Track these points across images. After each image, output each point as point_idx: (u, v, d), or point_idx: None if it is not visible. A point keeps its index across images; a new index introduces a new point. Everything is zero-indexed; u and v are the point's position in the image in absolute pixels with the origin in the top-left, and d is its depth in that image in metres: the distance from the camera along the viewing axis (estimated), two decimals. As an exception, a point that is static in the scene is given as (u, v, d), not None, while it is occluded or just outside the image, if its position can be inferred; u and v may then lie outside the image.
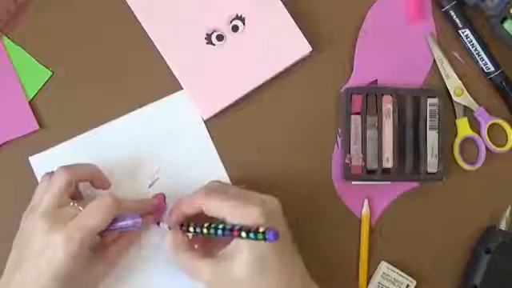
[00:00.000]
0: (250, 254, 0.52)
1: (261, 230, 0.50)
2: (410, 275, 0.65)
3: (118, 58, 0.65)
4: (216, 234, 0.53)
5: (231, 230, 0.52)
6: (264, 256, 0.52)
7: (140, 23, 0.64)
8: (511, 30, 0.66)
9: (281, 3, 0.64)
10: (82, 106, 0.64)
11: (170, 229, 0.58)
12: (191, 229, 0.56)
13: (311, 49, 0.64)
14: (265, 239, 0.50)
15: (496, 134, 0.68)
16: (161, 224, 0.59)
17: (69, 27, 0.65)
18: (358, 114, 0.65)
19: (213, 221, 0.55)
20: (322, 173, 0.66)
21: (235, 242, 0.53)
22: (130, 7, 0.64)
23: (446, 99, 0.67)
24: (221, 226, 0.53)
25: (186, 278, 0.56)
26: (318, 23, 0.66)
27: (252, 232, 0.50)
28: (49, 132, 0.63)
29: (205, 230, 0.55)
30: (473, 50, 0.67)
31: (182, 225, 0.57)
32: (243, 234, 0.51)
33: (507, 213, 0.66)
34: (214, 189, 0.58)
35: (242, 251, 0.52)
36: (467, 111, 0.68)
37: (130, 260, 0.61)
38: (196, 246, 0.58)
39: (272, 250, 0.52)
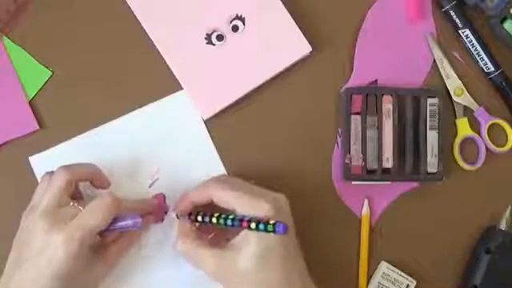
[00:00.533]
0: (257, 245, 0.52)
1: (271, 221, 0.51)
2: (410, 275, 0.65)
3: (118, 57, 0.65)
4: (225, 224, 0.54)
5: (241, 220, 0.52)
6: (270, 249, 0.52)
7: (140, 23, 0.64)
8: (511, 30, 0.66)
9: (281, 3, 0.64)
10: (82, 106, 0.64)
11: (178, 217, 0.58)
12: (200, 218, 0.56)
13: (311, 49, 0.64)
14: (274, 231, 0.51)
15: (496, 134, 0.68)
16: (169, 212, 0.59)
17: (69, 27, 0.65)
18: (358, 114, 0.65)
19: (222, 211, 0.55)
20: (322, 173, 0.66)
21: (244, 233, 0.53)
22: (130, 7, 0.64)
23: (446, 99, 0.67)
24: (231, 217, 0.53)
25: (186, 278, 0.56)
26: (318, 23, 0.66)
27: (262, 223, 0.51)
28: (49, 132, 0.63)
29: (214, 220, 0.55)
30: (473, 50, 0.67)
31: (190, 214, 0.58)
32: (253, 225, 0.51)
33: (507, 213, 0.66)
34: (225, 180, 0.58)
35: (249, 243, 0.52)
36: (467, 111, 0.68)
37: (129, 260, 0.61)
38: (204, 237, 0.58)
39: (279, 243, 0.53)
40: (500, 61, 0.67)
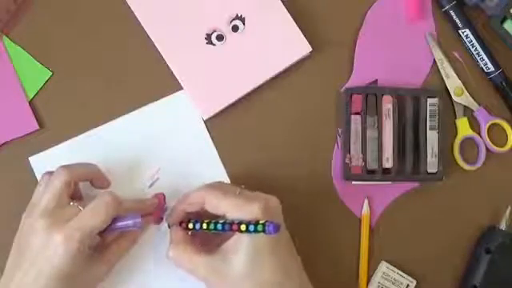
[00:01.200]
0: (248, 248, 0.52)
1: (261, 221, 0.50)
2: (410, 275, 0.65)
3: (118, 58, 0.65)
4: (215, 228, 0.54)
5: (231, 224, 0.52)
6: (262, 251, 0.52)
7: (140, 23, 0.64)
8: (511, 30, 0.66)
9: (281, 3, 0.64)
10: (82, 106, 0.64)
11: (169, 227, 0.58)
12: (191, 225, 0.57)
13: (311, 49, 0.64)
14: (264, 231, 0.50)
15: (496, 134, 0.68)
16: (161, 223, 0.60)
17: (69, 27, 0.65)
18: (358, 114, 0.65)
19: (214, 218, 0.55)
20: (322, 173, 0.66)
21: (236, 237, 0.53)
22: (129, 7, 0.64)
23: (446, 99, 0.67)
24: (221, 221, 0.53)
25: (186, 278, 0.56)
26: (317, 23, 0.66)
27: (252, 224, 0.51)
28: (49, 132, 0.63)
29: (204, 225, 0.55)
30: (473, 50, 0.67)
31: (181, 222, 0.58)
32: (243, 227, 0.51)
33: (507, 213, 0.66)
34: (215, 186, 0.59)
35: (241, 246, 0.52)
36: (467, 111, 0.68)
37: (129, 260, 0.61)
38: (196, 244, 0.58)
39: (270, 244, 0.52)
40: (500, 61, 0.67)
